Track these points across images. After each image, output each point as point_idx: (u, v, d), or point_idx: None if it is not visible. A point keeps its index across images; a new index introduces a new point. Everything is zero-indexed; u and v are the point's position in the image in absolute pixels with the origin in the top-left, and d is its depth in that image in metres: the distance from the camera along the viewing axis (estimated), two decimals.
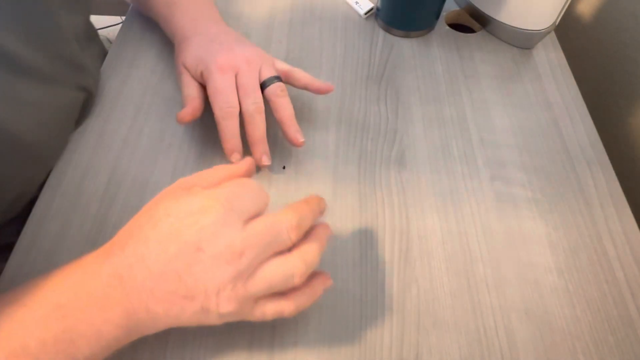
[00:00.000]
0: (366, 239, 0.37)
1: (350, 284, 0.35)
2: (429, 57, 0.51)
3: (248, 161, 0.31)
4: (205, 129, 0.44)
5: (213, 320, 0.26)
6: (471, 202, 0.40)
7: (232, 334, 0.32)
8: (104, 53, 0.51)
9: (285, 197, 0.40)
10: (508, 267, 0.36)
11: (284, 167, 0.41)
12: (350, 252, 0.37)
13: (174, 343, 0.32)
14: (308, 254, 0.27)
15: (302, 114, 0.45)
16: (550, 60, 0.51)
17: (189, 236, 0.25)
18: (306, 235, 0.29)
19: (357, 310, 0.34)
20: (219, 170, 0.30)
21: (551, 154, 0.43)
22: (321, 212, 0.31)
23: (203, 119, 0.45)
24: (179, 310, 0.25)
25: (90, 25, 0.48)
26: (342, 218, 0.39)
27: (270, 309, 0.27)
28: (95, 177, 0.40)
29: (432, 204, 0.40)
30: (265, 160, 0.39)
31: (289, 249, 0.27)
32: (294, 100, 0.40)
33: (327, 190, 0.40)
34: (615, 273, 0.36)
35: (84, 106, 0.43)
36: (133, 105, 0.45)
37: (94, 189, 0.40)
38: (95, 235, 0.37)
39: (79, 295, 0.25)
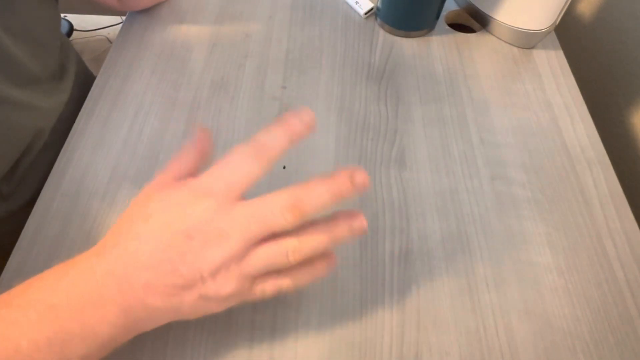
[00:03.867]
0: (366, 239, 0.37)
1: (350, 284, 0.35)
2: (429, 57, 0.51)
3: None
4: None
5: (214, 307, 0.26)
6: (471, 201, 0.40)
7: (232, 332, 0.32)
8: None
9: None
10: (508, 266, 0.36)
11: (284, 167, 0.41)
12: (350, 251, 0.37)
13: (175, 341, 0.32)
14: (305, 233, 0.26)
15: None
16: (551, 60, 0.51)
17: (179, 225, 0.25)
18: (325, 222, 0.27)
19: (357, 310, 0.34)
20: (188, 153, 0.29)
21: (551, 154, 0.43)
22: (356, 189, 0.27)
23: (202, 119, 0.45)
24: (177, 301, 0.25)
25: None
26: None
27: (269, 286, 0.27)
28: (95, 177, 0.40)
29: (432, 204, 0.40)
30: None
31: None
32: (293, 101, 0.40)
33: None
34: (615, 273, 0.36)
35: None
36: (133, 105, 0.46)
37: (94, 189, 0.40)
38: (96, 235, 0.37)
39: (72, 296, 0.25)
